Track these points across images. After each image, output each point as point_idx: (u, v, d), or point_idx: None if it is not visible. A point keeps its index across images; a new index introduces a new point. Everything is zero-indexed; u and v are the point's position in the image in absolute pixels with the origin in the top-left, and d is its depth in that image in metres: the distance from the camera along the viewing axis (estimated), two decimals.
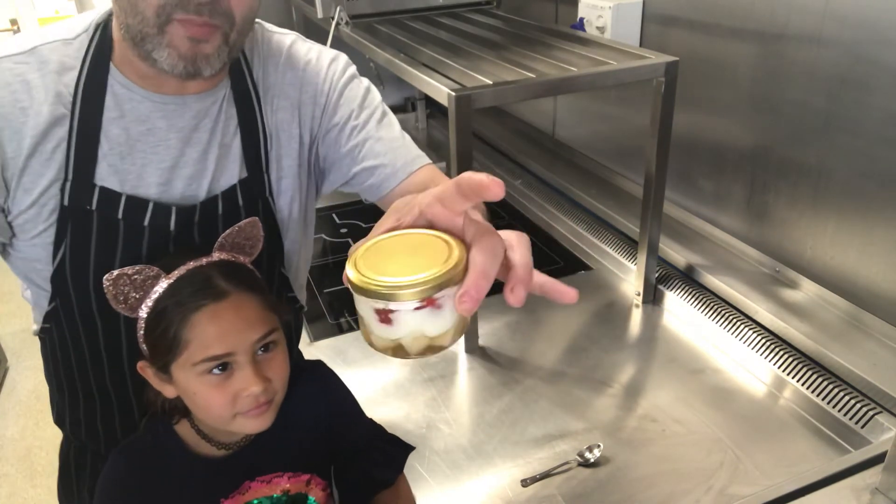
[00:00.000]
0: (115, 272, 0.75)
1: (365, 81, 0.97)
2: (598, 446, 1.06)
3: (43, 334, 0.90)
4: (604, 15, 1.53)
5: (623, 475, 1.03)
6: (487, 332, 1.36)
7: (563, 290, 0.55)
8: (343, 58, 0.97)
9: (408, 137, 0.97)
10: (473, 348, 1.32)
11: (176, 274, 0.76)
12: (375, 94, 0.97)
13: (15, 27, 3.79)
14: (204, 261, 0.78)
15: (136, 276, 0.75)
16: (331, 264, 1.69)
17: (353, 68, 0.97)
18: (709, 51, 1.40)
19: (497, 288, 0.54)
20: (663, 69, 1.20)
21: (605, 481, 1.02)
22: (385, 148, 0.93)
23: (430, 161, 0.96)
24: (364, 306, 0.50)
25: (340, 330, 1.42)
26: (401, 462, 0.93)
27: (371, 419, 0.96)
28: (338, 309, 1.50)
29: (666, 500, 0.98)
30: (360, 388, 1.04)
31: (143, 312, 0.76)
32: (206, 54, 0.76)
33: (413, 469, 1.01)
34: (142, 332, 0.77)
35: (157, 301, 0.75)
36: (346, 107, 0.94)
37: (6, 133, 0.78)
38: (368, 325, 0.52)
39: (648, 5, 1.53)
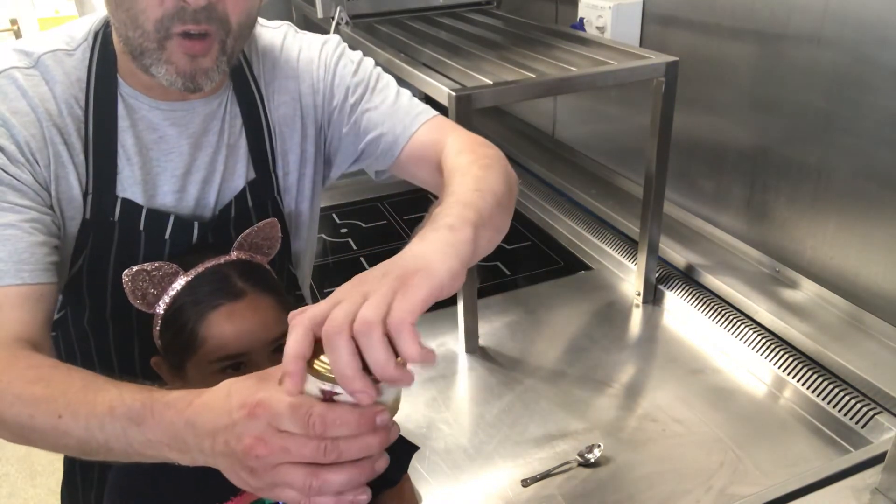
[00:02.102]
0: (135, 268, 0.76)
1: (356, 54, 0.95)
2: (599, 446, 1.06)
3: None
4: (604, 15, 1.53)
5: (623, 475, 1.03)
6: (487, 332, 1.36)
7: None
8: (334, 38, 0.95)
9: (404, 96, 0.93)
10: (473, 348, 1.32)
11: (194, 272, 0.77)
12: (367, 64, 0.94)
13: (15, 27, 3.79)
14: (222, 260, 0.79)
15: (154, 273, 0.76)
16: (331, 264, 1.69)
17: (343, 46, 0.95)
18: (709, 51, 1.40)
19: (497, 289, 0.54)
20: (663, 69, 1.20)
21: (605, 481, 1.02)
22: (382, 116, 0.90)
23: (432, 114, 0.91)
24: (311, 385, 0.52)
25: None
26: (406, 462, 0.93)
27: None
28: None
29: (666, 500, 0.98)
30: None
31: (160, 309, 0.76)
32: (204, 69, 0.76)
33: (413, 469, 1.00)
34: (158, 328, 0.77)
35: (175, 298, 0.76)
36: (341, 87, 0.92)
37: (37, 142, 0.76)
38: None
39: (648, 5, 1.53)
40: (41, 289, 0.73)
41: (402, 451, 0.93)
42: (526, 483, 1.02)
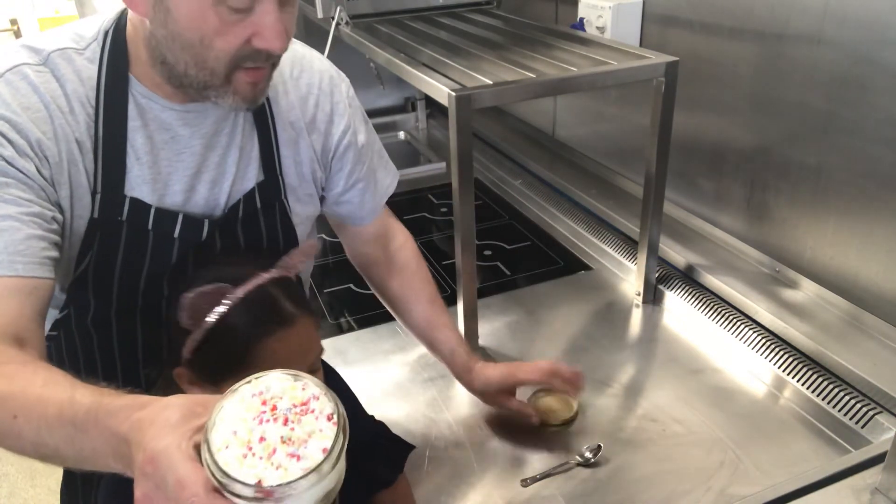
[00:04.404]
0: (195, 291, 0.74)
1: (361, 112, 1.03)
2: (599, 446, 1.06)
3: (48, 342, 0.88)
4: (604, 15, 1.53)
5: (623, 475, 1.03)
6: (487, 332, 1.36)
7: None
8: (345, 82, 1.01)
9: (383, 183, 1.09)
10: (473, 348, 1.32)
11: (243, 290, 0.75)
12: (371, 133, 1.05)
13: (15, 27, 3.79)
14: (266, 278, 0.77)
15: (211, 292, 0.75)
16: (331, 264, 1.69)
17: (352, 92, 1.02)
18: (709, 51, 1.40)
19: (497, 289, 0.53)
20: (663, 69, 1.20)
21: (605, 481, 1.02)
22: (364, 204, 1.05)
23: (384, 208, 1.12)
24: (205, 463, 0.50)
25: (341, 330, 1.42)
26: (402, 461, 0.93)
27: (373, 417, 0.96)
28: (338, 309, 1.50)
29: (666, 500, 0.98)
30: (360, 388, 1.04)
31: (205, 326, 0.75)
32: (262, 90, 0.81)
33: (413, 469, 1.00)
34: (196, 343, 0.75)
35: (225, 317, 0.74)
36: (349, 152, 0.99)
37: (49, 139, 0.76)
38: None
39: (648, 5, 1.53)
40: (34, 282, 0.72)
41: (397, 451, 0.93)
42: (526, 483, 1.02)
